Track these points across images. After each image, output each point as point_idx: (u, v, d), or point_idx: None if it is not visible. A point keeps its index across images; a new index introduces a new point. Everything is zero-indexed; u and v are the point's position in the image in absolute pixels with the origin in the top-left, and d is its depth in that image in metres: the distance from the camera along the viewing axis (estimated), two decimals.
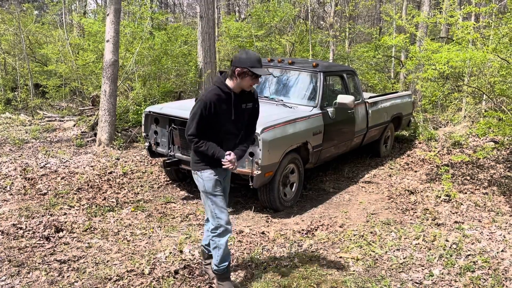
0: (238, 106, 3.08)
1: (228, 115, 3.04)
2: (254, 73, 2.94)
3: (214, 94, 3.00)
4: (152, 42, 9.56)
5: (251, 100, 3.17)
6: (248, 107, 3.15)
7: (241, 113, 3.11)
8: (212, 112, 2.97)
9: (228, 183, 3.39)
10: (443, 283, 3.51)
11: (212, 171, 3.12)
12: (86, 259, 3.75)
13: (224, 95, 3.01)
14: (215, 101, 2.98)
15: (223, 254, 3.20)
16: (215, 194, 3.14)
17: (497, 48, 5.97)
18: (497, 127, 5.80)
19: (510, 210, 5.03)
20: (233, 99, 3.03)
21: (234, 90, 3.03)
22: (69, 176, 5.77)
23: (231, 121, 3.07)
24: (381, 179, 6.34)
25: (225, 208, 3.16)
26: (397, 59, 12.25)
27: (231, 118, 3.05)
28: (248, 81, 2.98)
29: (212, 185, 3.13)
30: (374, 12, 23.57)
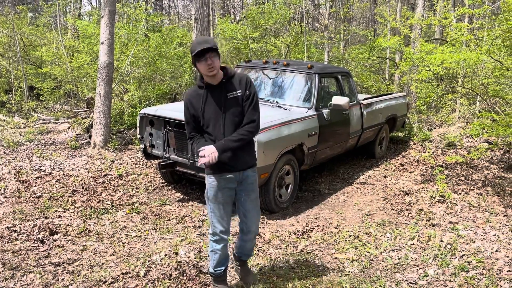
0: (217, 98, 2.90)
1: (209, 111, 2.91)
2: (196, 54, 2.77)
3: (189, 93, 2.97)
4: (147, 44, 9.55)
5: (237, 88, 2.93)
6: (234, 96, 2.91)
7: (225, 103, 2.90)
8: (193, 110, 2.92)
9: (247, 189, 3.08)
10: (438, 283, 3.52)
11: (214, 178, 3.00)
12: (81, 261, 3.73)
13: (200, 91, 2.92)
14: (191, 99, 2.93)
15: (220, 259, 3.19)
16: (215, 202, 3.04)
17: (491, 49, 6.02)
18: (490, 128, 5.84)
19: (504, 210, 5.06)
20: (206, 93, 2.90)
21: (210, 83, 2.90)
22: (63, 179, 5.75)
23: (215, 114, 2.90)
24: (376, 180, 6.36)
25: (224, 217, 3.07)
26: (392, 61, 12.31)
27: (211, 114, 2.90)
28: (201, 66, 2.80)
29: (213, 193, 3.03)
30: (368, 14, 23.68)
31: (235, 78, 2.96)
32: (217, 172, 2.98)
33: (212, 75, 2.83)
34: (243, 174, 3.04)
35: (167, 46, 10.05)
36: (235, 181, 3.04)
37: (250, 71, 6.34)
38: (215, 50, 2.79)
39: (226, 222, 3.10)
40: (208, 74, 2.82)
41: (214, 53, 2.79)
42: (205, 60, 2.76)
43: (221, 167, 2.95)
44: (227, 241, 3.19)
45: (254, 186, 3.11)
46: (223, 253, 3.17)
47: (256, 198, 3.15)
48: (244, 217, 3.17)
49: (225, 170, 2.97)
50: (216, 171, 2.98)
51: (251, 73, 6.32)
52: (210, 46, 2.75)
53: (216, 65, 2.80)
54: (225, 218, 3.09)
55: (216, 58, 2.80)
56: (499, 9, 9.61)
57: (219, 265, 3.21)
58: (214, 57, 2.79)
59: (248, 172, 3.06)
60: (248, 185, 3.07)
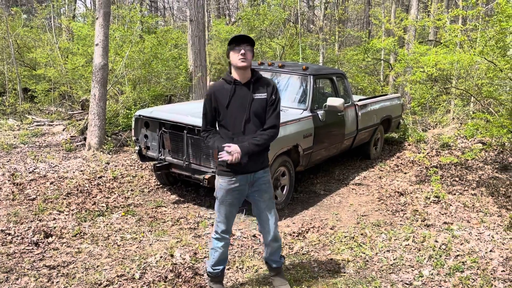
0: (244, 96, 2.95)
1: (233, 107, 2.94)
2: (231, 43, 2.87)
3: (215, 86, 3.01)
4: (142, 45, 9.53)
5: (263, 90, 2.99)
6: (259, 98, 2.97)
7: (251, 103, 2.95)
8: (216, 103, 2.96)
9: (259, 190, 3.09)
10: (433, 283, 3.54)
11: (225, 179, 3.02)
12: (76, 264, 3.72)
13: (226, 85, 2.97)
14: (216, 91, 2.97)
15: (219, 258, 3.21)
16: (222, 203, 3.08)
17: (484, 50, 6.06)
18: (484, 128, 5.88)
19: (498, 211, 5.09)
20: (234, 89, 2.94)
21: (240, 80, 2.96)
22: (58, 181, 5.72)
23: (239, 111, 2.94)
24: (371, 181, 6.38)
25: (230, 219, 3.11)
26: (386, 62, 12.36)
27: (229, 109, 2.94)
28: (234, 55, 2.88)
29: (221, 194, 3.06)
30: (363, 16, 23.77)
31: (262, 81, 3.03)
32: (228, 173, 3.01)
33: (242, 66, 2.88)
34: (255, 176, 3.06)
35: (162, 47, 10.04)
36: (246, 183, 3.05)
37: None
38: (251, 45, 2.89)
39: (229, 223, 3.14)
40: (239, 64, 2.87)
41: (250, 47, 2.88)
42: (239, 50, 2.85)
43: (233, 169, 2.99)
44: (228, 241, 3.21)
45: (267, 187, 3.12)
46: (223, 252, 3.20)
47: (269, 199, 3.15)
48: (259, 219, 3.21)
49: (236, 172, 3.00)
50: (228, 173, 3.01)
51: None
52: (249, 38, 2.88)
53: (248, 58, 2.87)
54: (230, 219, 3.13)
55: (250, 52, 2.88)
56: (493, 10, 9.68)
57: (218, 264, 3.23)
58: (249, 51, 2.88)
59: (260, 173, 3.08)
60: (261, 185, 3.09)
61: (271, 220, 3.17)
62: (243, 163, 2.93)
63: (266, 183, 3.11)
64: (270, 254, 3.32)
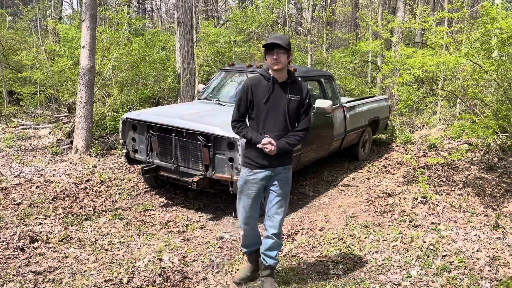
0: (279, 95, 3.10)
1: (265, 101, 3.09)
2: (265, 46, 3.03)
3: (253, 79, 3.17)
4: (130, 48, 9.46)
5: (298, 92, 3.14)
6: (294, 99, 3.11)
7: (282, 103, 3.10)
8: (251, 96, 3.11)
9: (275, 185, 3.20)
10: (421, 283, 3.56)
11: (246, 170, 3.19)
12: (62, 269, 3.66)
13: (264, 81, 3.12)
14: (253, 84, 3.12)
15: (245, 242, 3.38)
16: (240, 192, 3.24)
17: (469, 52, 6.14)
18: (470, 129, 5.95)
19: (484, 211, 5.16)
20: (272, 86, 3.10)
21: (277, 79, 3.10)
22: (44, 185, 5.64)
23: (274, 107, 3.09)
24: (360, 182, 6.41)
25: (247, 210, 3.23)
26: (374, 64, 12.46)
27: (267, 105, 3.09)
28: (268, 58, 3.04)
29: (241, 184, 3.22)
30: (351, 18, 23.94)
31: (297, 83, 3.17)
32: (250, 166, 3.18)
33: (276, 69, 3.03)
34: (274, 171, 3.18)
35: (150, 50, 9.98)
36: (265, 177, 3.17)
37: (234, 75, 6.34)
38: (284, 48, 2.99)
39: (247, 214, 3.25)
40: (273, 67, 3.04)
41: (283, 50, 3.00)
42: (272, 54, 3.00)
43: (256, 163, 3.15)
44: (251, 227, 3.31)
45: (283, 183, 3.21)
46: (247, 236, 3.34)
47: (283, 195, 3.22)
48: (268, 212, 3.27)
49: (258, 166, 3.15)
50: (250, 165, 3.17)
51: (234, 77, 6.32)
52: (280, 43, 2.97)
53: (282, 61, 3.01)
54: (248, 210, 3.24)
55: (283, 55, 3.00)
56: (478, 12, 9.82)
57: (246, 246, 3.41)
58: (282, 54, 3.00)
59: (279, 169, 3.19)
60: (278, 181, 3.20)
61: (279, 216, 3.24)
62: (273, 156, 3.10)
63: (283, 180, 3.21)
64: (268, 248, 3.33)
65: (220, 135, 4.62)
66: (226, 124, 4.76)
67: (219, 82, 6.38)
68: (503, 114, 5.66)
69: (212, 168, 4.77)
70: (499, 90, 6.07)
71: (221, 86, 6.32)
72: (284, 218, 3.32)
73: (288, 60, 3.05)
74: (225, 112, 5.49)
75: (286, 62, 3.04)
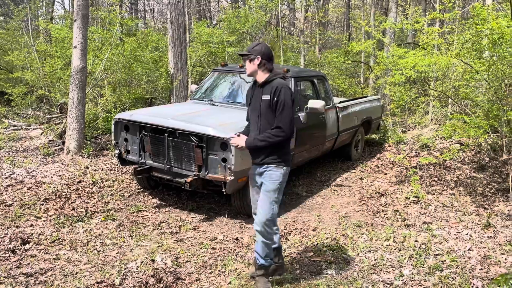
0: (256, 96, 3.35)
1: (252, 105, 3.40)
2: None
3: (252, 84, 3.49)
4: (122, 48, 9.41)
5: (268, 92, 3.27)
6: (264, 99, 3.27)
7: (258, 104, 3.31)
8: (247, 101, 3.49)
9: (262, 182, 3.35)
10: (413, 283, 3.58)
11: (252, 167, 3.45)
12: (54, 271, 3.63)
13: (253, 85, 3.45)
14: (248, 89, 3.51)
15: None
16: (249, 186, 3.57)
17: (461, 53, 6.18)
18: (462, 129, 5.99)
19: (475, 210, 5.20)
20: (253, 89, 3.42)
21: (258, 82, 3.35)
22: (35, 186, 5.60)
23: (254, 110, 3.37)
24: (353, 182, 6.43)
25: (253, 201, 3.51)
26: (366, 64, 12.51)
27: (252, 108, 3.39)
28: None
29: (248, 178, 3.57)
30: (343, 19, 24.03)
31: (271, 83, 3.29)
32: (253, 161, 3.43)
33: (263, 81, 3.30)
34: (261, 168, 3.35)
35: (143, 50, 9.93)
36: (256, 173, 3.39)
37: (227, 75, 6.34)
38: (247, 56, 3.30)
39: (253, 205, 3.50)
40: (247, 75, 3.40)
41: (247, 58, 3.30)
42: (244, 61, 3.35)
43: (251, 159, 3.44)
44: None
45: (265, 180, 3.32)
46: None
47: (264, 192, 3.33)
48: None
49: (252, 162, 3.45)
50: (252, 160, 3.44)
51: (227, 77, 6.32)
52: (240, 52, 3.39)
53: (247, 67, 3.32)
54: (254, 202, 3.50)
55: (248, 62, 3.31)
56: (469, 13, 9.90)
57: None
58: (247, 61, 3.32)
59: (263, 167, 3.33)
60: (263, 178, 3.35)
61: (259, 211, 3.33)
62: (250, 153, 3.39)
63: (266, 177, 3.32)
64: (257, 247, 3.40)
65: (213, 136, 4.61)
66: (219, 125, 4.77)
67: (212, 83, 6.37)
68: (494, 114, 5.71)
69: (205, 168, 4.75)
70: (490, 90, 6.12)
71: (214, 87, 6.32)
72: (269, 217, 3.26)
73: (255, 64, 3.27)
74: (218, 112, 5.48)
75: (253, 67, 3.29)
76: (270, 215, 3.28)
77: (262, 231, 3.29)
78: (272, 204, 3.31)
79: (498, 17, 5.65)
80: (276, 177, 3.30)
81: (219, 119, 5.04)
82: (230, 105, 5.81)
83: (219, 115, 5.31)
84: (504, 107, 5.55)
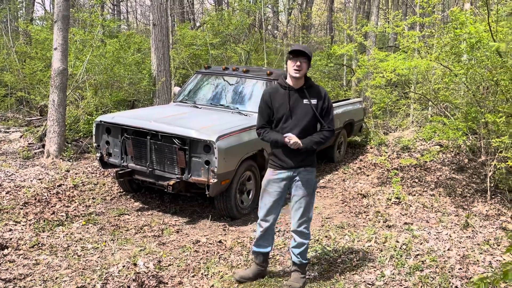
0: (297, 100, 3.30)
1: (284, 109, 3.30)
2: (291, 52, 3.24)
3: (271, 89, 3.42)
4: (104, 50, 9.31)
5: (316, 96, 3.32)
6: (312, 103, 3.30)
7: (301, 108, 3.30)
8: (271, 104, 3.34)
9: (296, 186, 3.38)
10: (394, 283, 3.63)
11: (271, 171, 3.41)
12: (34, 276, 3.57)
13: (281, 90, 3.34)
14: (271, 94, 3.36)
15: (258, 241, 3.55)
16: (264, 191, 3.44)
17: (440, 56, 6.30)
18: (441, 131, 6.10)
19: (455, 210, 5.29)
20: (289, 93, 3.31)
21: (293, 86, 3.32)
22: (14, 190, 5.49)
23: (287, 114, 3.30)
24: (335, 184, 6.49)
25: (268, 207, 3.42)
26: (349, 67, 12.64)
27: (286, 111, 3.30)
28: (290, 64, 3.23)
29: (265, 183, 3.44)
30: (326, 22, 24.22)
31: (315, 88, 3.37)
32: (275, 166, 3.40)
33: (296, 76, 3.24)
34: (296, 171, 3.36)
35: (125, 52, 9.84)
36: (287, 178, 3.37)
37: (210, 77, 6.33)
38: (308, 58, 3.23)
39: (268, 212, 3.44)
40: (293, 74, 3.24)
41: (306, 60, 3.23)
42: (296, 60, 3.21)
43: (279, 164, 3.37)
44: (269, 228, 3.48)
45: (303, 184, 3.37)
46: (262, 236, 3.51)
47: (303, 196, 3.38)
48: (291, 211, 3.48)
49: (281, 167, 3.37)
50: (274, 166, 3.40)
51: (211, 79, 6.31)
52: (306, 52, 3.20)
53: (303, 69, 3.23)
54: (269, 209, 3.43)
55: (305, 64, 3.23)
56: (448, 17, 10.09)
57: (258, 246, 3.56)
58: (305, 63, 3.23)
59: (301, 170, 3.36)
60: (298, 182, 3.38)
61: (297, 214, 3.41)
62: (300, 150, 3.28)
63: (303, 181, 3.37)
64: (292, 246, 3.52)
65: (196, 138, 4.60)
66: (202, 127, 4.76)
67: (195, 85, 6.35)
68: (472, 116, 5.83)
69: (188, 171, 4.74)
70: (468, 93, 6.26)
71: (197, 89, 6.30)
72: (309, 218, 3.46)
73: (306, 67, 3.26)
74: (201, 115, 5.47)
75: (306, 71, 3.28)
76: (310, 217, 3.47)
77: (300, 232, 3.44)
78: (312, 207, 3.46)
79: (476, 21, 5.78)
80: (311, 180, 3.42)
81: (202, 122, 5.03)
82: (213, 107, 5.80)
83: (202, 118, 5.30)
84: (482, 109, 5.68)
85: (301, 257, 3.52)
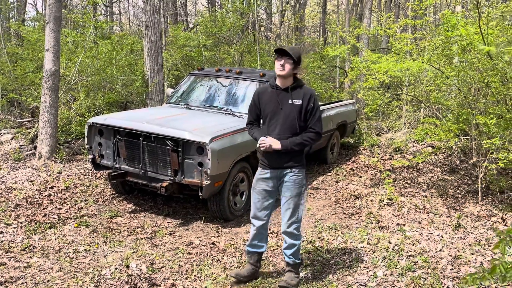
0: (282, 100, 3.36)
1: (270, 108, 3.39)
2: (276, 51, 3.34)
3: (260, 88, 3.53)
4: (96, 51, 9.26)
5: (299, 97, 3.36)
6: (296, 103, 3.35)
7: (285, 108, 3.35)
8: (258, 103, 3.46)
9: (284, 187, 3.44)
10: (387, 284, 3.65)
11: (260, 170, 3.48)
12: (25, 279, 3.54)
13: (270, 89, 3.43)
14: (260, 93, 3.48)
15: (251, 241, 3.59)
16: (253, 190, 3.52)
17: (432, 58, 6.34)
18: (433, 133, 6.14)
19: (447, 211, 5.33)
20: (276, 93, 3.39)
21: (280, 86, 3.40)
22: (6, 193, 5.44)
23: (272, 113, 3.38)
24: (328, 185, 6.50)
25: (258, 206, 3.48)
26: (342, 69, 12.69)
27: (271, 110, 3.39)
28: (276, 63, 3.32)
29: (254, 182, 3.52)
30: (319, 24, 24.30)
31: (301, 89, 3.40)
32: (262, 166, 3.47)
33: (280, 74, 3.33)
34: (282, 172, 3.42)
35: (118, 53, 9.80)
36: (275, 177, 3.43)
37: (203, 79, 6.33)
38: (292, 59, 3.28)
39: (258, 210, 3.50)
40: (277, 73, 3.33)
41: (290, 60, 3.28)
42: (280, 60, 3.30)
43: (266, 163, 3.43)
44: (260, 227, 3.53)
45: (291, 185, 3.42)
46: (255, 235, 3.55)
47: (291, 197, 3.43)
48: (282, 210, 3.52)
49: (268, 166, 3.43)
50: (262, 165, 3.47)
51: (204, 81, 6.31)
52: (289, 53, 3.26)
53: (286, 69, 3.29)
54: (259, 207, 3.49)
55: (289, 65, 3.29)
56: (440, 20, 10.18)
57: (251, 245, 3.59)
58: (288, 63, 3.29)
59: (287, 171, 3.42)
60: (286, 182, 3.43)
61: (286, 216, 3.46)
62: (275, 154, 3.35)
63: (290, 182, 3.42)
64: (284, 247, 3.57)
65: (189, 140, 4.60)
66: (195, 129, 4.75)
67: (188, 86, 6.34)
68: (463, 118, 5.88)
69: (181, 173, 4.73)
70: (460, 95, 6.31)
71: (190, 90, 6.29)
72: (298, 219, 3.48)
73: (293, 71, 3.33)
74: (194, 116, 5.46)
75: (291, 71, 3.31)
76: (299, 218, 3.48)
77: (290, 232, 3.47)
78: (300, 208, 3.47)
79: (467, 24, 5.83)
80: (299, 181, 3.44)
81: (195, 123, 5.03)
82: (206, 109, 5.80)
83: (196, 119, 5.29)
84: (473, 111, 5.73)
85: (294, 257, 3.55)
